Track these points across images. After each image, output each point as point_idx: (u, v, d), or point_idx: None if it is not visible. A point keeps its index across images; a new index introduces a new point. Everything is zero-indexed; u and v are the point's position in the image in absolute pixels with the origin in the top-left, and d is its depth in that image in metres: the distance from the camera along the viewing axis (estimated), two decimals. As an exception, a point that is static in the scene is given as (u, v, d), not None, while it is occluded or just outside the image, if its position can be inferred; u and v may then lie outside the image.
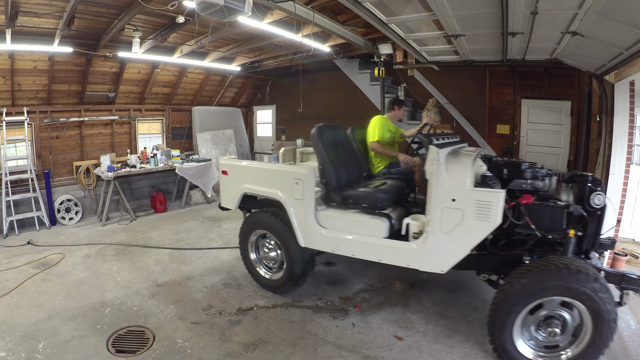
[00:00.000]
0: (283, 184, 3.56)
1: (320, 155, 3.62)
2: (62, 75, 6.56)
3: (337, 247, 3.39)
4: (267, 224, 3.77)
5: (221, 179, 4.22)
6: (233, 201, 4.07)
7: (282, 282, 3.78)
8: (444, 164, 2.84)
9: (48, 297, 3.85)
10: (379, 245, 3.17)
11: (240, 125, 10.19)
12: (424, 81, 7.75)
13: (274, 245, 3.88)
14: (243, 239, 4.07)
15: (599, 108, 5.20)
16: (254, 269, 4.05)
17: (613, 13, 2.96)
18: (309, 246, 3.52)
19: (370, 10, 3.94)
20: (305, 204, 3.44)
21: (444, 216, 2.82)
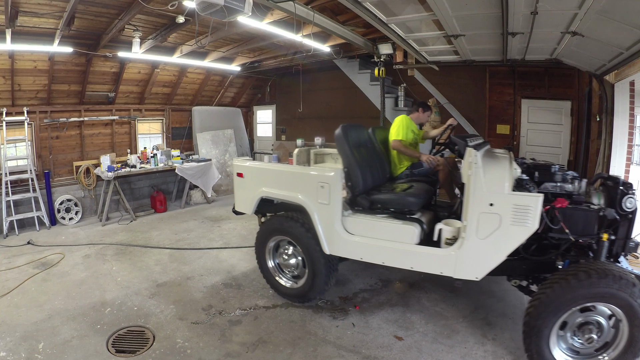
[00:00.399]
0: (306, 187, 3.37)
1: (346, 157, 3.45)
2: (62, 75, 6.57)
3: (365, 254, 3.23)
4: (287, 229, 3.55)
5: (235, 181, 4.02)
6: (249, 205, 3.88)
7: (304, 290, 3.57)
8: (482, 167, 2.71)
9: (48, 297, 3.85)
10: (411, 252, 3.02)
11: (240, 125, 10.19)
12: (424, 81, 7.75)
13: (294, 252, 3.68)
14: (260, 245, 3.86)
15: (599, 108, 5.20)
16: (272, 277, 3.83)
17: (613, 13, 2.96)
18: (334, 253, 3.34)
19: (370, 10, 3.94)
20: (331, 209, 3.26)
21: (480, 221, 2.70)
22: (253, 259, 4.86)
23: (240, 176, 3.94)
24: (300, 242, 3.50)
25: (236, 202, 4.08)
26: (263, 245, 3.83)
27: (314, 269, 3.44)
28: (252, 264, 4.71)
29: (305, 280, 3.57)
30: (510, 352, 2.90)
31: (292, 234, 3.54)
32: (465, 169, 2.83)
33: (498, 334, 3.15)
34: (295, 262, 3.69)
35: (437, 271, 2.94)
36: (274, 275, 3.83)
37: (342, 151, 3.51)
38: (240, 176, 3.94)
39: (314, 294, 3.54)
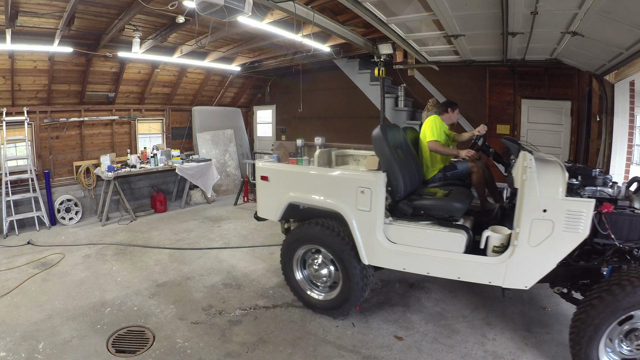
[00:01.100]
0: (344, 192, 3.15)
1: (386, 159, 3.20)
2: (62, 75, 6.57)
3: (408, 265, 3.04)
4: (320, 238, 3.29)
5: (259, 185, 3.78)
6: (274, 211, 3.62)
7: (337, 302, 3.33)
8: (537, 171, 2.60)
9: (48, 297, 3.85)
10: (458, 261, 2.86)
11: (240, 125, 10.19)
12: (424, 81, 7.75)
13: (326, 261, 3.43)
14: (286, 255, 3.59)
15: (599, 108, 5.20)
16: (302, 290, 3.57)
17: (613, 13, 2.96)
18: (374, 263, 3.14)
19: (370, 10, 3.94)
20: (372, 217, 3.03)
21: (533, 228, 2.60)
22: (253, 258, 4.88)
23: (264, 180, 3.67)
24: (334, 252, 3.25)
25: (259, 207, 3.84)
26: (291, 255, 3.56)
27: (349, 279, 3.21)
28: (252, 264, 4.72)
29: (339, 292, 3.32)
30: (510, 352, 2.91)
31: (325, 243, 3.28)
32: (519, 173, 2.71)
33: (498, 334, 3.15)
34: (327, 273, 3.44)
35: (486, 281, 2.81)
36: (303, 288, 3.57)
37: (381, 153, 3.26)
38: (265, 180, 3.67)
39: (348, 306, 3.30)
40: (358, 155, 5.02)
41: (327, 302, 3.42)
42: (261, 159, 3.88)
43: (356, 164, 4.93)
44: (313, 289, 3.56)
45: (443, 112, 4.28)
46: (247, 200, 8.18)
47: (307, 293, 3.55)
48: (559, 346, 2.96)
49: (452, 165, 3.94)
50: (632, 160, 4.85)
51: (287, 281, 3.67)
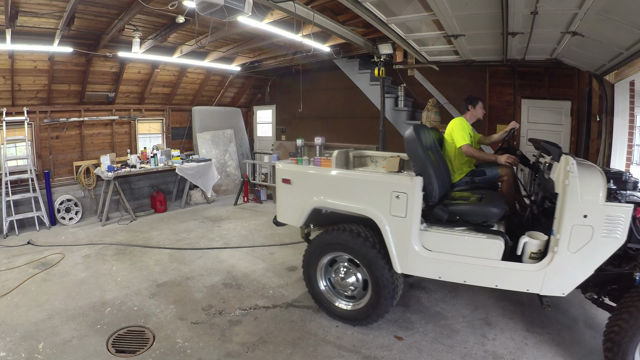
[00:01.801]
0: (377, 197, 2.99)
1: (420, 162, 3.06)
2: (62, 75, 6.57)
3: (444, 273, 2.91)
4: (348, 245, 3.12)
5: (280, 188, 3.59)
6: (297, 216, 3.43)
7: (366, 311, 3.17)
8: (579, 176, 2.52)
9: (48, 297, 3.85)
10: (496, 268, 2.76)
11: (240, 125, 10.19)
12: (424, 81, 7.75)
13: (353, 269, 3.27)
14: (309, 263, 3.40)
15: (599, 108, 5.20)
16: (327, 300, 3.39)
17: (613, 13, 2.96)
18: (407, 272, 2.99)
19: (370, 10, 3.94)
20: (407, 223, 2.89)
21: (573, 234, 2.54)
22: (253, 258, 4.88)
23: (286, 182, 3.47)
24: (363, 259, 3.08)
25: (279, 211, 3.65)
26: (314, 263, 3.38)
27: (379, 288, 3.05)
28: (252, 264, 4.72)
29: (368, 301, 3.16)
30: (510, 352, 2.90)
31: (354, 251, 3.11)
32: (560, 177, 2.64)
33: (498, 334, 3.15)
34: (354, 281, 3.27)
35: (524, 288, 2.72)
36: (328, 298, 3.40)
37: (414, 155, 3.11)
38: (287, 182, 3.47)
39: (378, 315, 3.16)
40: (376, 157, 4.91)
41: (354, 312, 3.26)
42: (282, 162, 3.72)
43: (374, 166, 4.84)
44: (339, 299, 3.38)
45: (465, 111, 4.07)
46: (247, 200, 8.19)
47: (334, 304, 3.36)
48: (559, 346, 2.97)
49: (480, 170, 3.77)
50: (632, 160, 4.85)
51: (310, 290, 3.48)
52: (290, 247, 5.32)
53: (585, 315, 3.40)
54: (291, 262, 4.76)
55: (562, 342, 3.02)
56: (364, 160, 4.79)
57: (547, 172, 2.99)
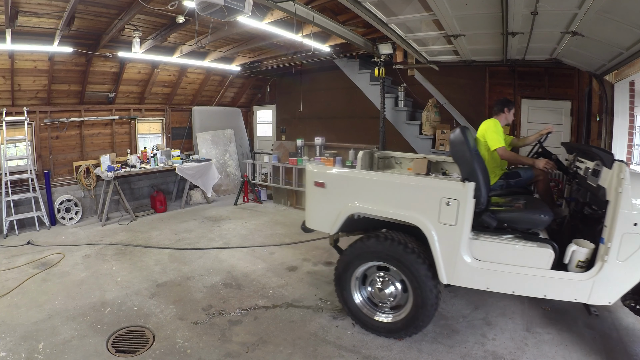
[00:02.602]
0: (425, 203, 2.81)
1: (468, 165, 2.91)
2: (62, 75, 6.57)
3: (492, 283, 2.78)
4: (391, 254, 2.94)
5: (310, 192, 3.36)
6: (330, 222, 3.20)
7: (406, 323, 3.01)
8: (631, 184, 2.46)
9: (48, 297, 3.85)
10: (545, 277, 2.67)
11: (240, 125, 10.19)
12: (424, 81, 7.75)
13: (390, 279, 3.11)
14: (343, 274, 3.19)
15: (599, 108, 5.20)
16: (364, 314, 3.20)
17: (613, 13, 2.96)
18: (453, 283, 2.83)
19: (370, 10, 3.94)
20: (457, 231, 2.73)
21: (623, 242, 2.50)
22: (253, 259, 4.88)
23: (319, 186, 3.24)
24: (406, 270, 2.91)
25: (309, 216, 3.43)
26: (349, 275, 3.18)
27: (422, 298, 2.89)
28: (252, 264, 4.72)
29: (409, 312, 3.00)
30: (510, 352, 2.91)
31: (395, 260, 2.94)
32: (613, 185, 2.59)
33: (498, 334, 3.15)
34: (392, 292, 3.10)
35: (571, 298, 2.65)
36: (365, 312, 3.21)
37: (462, 158, 2.98)
38: (321, 186, 3.23)
39: (419, 326, 3.00)
40: (400, 158, 4.81)
41: (393, 324, 3.10)
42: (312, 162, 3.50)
43: (399, 167, 4.73)
44: (377, 311, 3.21)
45: (499, 113, 3.92)
46: (247, 200, 8.19)
47: (374, 318, 3.17)
48: (559, 346, 2.97)
49: (515, 172, 3.66)
50: (632, 160, 4.85)
51: (343, 304, 3.30)
52: (290, 247, 5.32)
53: (586, 316, 3.40)
54: (291, 262, 4.76)
55: (562, 342, 3.03)
56: (388, 162, 4.64)
57: (591, 178, 2.90)
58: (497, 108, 3.95)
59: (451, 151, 3.07)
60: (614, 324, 3.29)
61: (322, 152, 7.23)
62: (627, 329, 3.22)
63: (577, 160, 3.49)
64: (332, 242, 3.54)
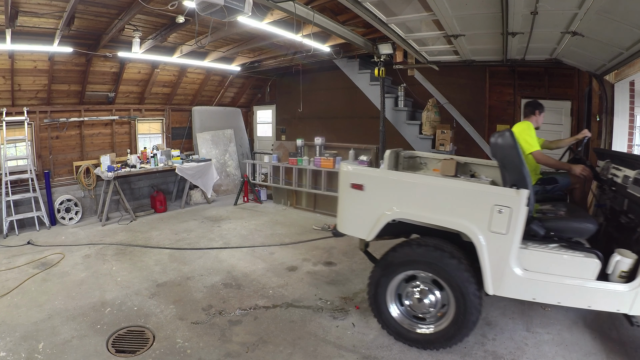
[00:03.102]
0: (475, 210, 2.66)
1: (518, 170, 2.77)
2: (62, 75, 6.56)
3: (538, 294, 2.68)
4: (430, 263, 2.80)
5: (346, 194, 3.14)
6: (367, 228, 3.00)
7: (447, 334, 2.86)
8: None
9: (48, 297, 3.85)
10: (590, 288, 2.58)
11: (240, 125, 10.19)
12: (424, 81, 7.75)
13: (428, 288, 2.95)
14: (379, 285, 3.02)
15: (599, 108, 5.21)
16: (403, 327, 3.02)
17: (613, 13, 2.96)
18: (499, 293, 2.71)
19: (370, 10, 3.94)
20: (508, 240, 2.59)
21: None
22: (253, 258, 4.88)
23: (357, 188, 3.04)
24: (449, 280, 2.77)
25: (342, 220, 3.22)
26: (385, 285, 3.00)
27: (465, 309, 2.75)
28: (252, 264, 4.72)
29: (450, 323, 2.85)
30: (510, 352, 2.91)
31: (437, 269, 2.79)
32: None
33: (498, 334, 3.15)
34: (432, 302, 2.94)
35: (614, 309, 2.58)
36: (406, 325, 3.03)
37: (512, 163, 2.83)
38: (358, 188, 3.03)
39: (460, 336, 2.86)
40: (425, 158, 4.70)
41: (433, 335, 2.95)
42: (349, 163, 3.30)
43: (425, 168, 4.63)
44: (416, 323, 3.03)
45: (530, 115, 3.77)
46: (247, 200, 8.19)
47: (416, 331, 2.99)
48: (559, 346, 2.97)
49: (551, 178, 3.52)
50: (632, 160, 4.85)
51: (379, 317, 3.10)
52: (290, 247, 5.32)
53: (585, 316, 3.40)
54: (291, 262, 4.76)
55: (562, 342, 3.03)
56: (413, 162, 4.52)
57: (632, 187, 2.83)
58: (528, 110, 3.81)
59: (498, 155, 2.92)
60: (614, 324, 3.29)
61: (322, 152, 7.23)
62: (627, 329, 3.22)
63: (612, 167, 3.38)
64: (362, 247, 3.39)
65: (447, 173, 4.29)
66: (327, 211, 7.22)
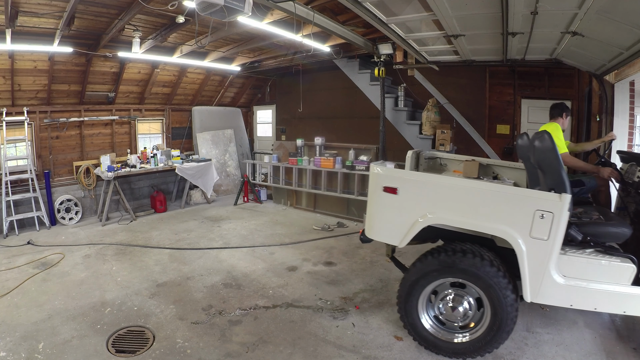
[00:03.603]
0: (516, 215, 2.57)
1: (557, 174, 2.67)
2: (62, 75, 6.56)
3: (575, 301, 2.62)
4: (470, 270, 2.67)
5: (377, 198, 2.97)
6: (401, 234, 2.86)
7: (481, 343, 2.76)
8: None
9: (48, 297, 3.85)
10: (626, 294, 2.54)
11: (240, 125, 10.19)
12: (424, 81, 7.75)
13: (460, 295, 2.86)
14: (409, 294, 2.89)
15: (599, 108, 5.21)
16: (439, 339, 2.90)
17: (613, 13, 2.96)
18: (537, 300, 2.64)
19: (370, 10, 3.94)
20: (548, 246, 2.52)
21: None
22: (253, 258, 4.88)
23: (390, 192, 2.88)
24: (486, 287, 2.67)
25: (371, 226, 3.05)
26: (415, 294, 2.88)
27: (501, 317, 2.66)
28: (252, 264, 4.72)
29: (485, 331, 2.75)
30: (510, 352, 2.91)
31: (474, 276, 2.68)
32: None
33: (498, 334, 3.15)
34: (465, 310, 2.85)
35: None
36: (438, 336, 2.91)
37: (550, 167, 2.74)
38: (392, 192, 2.88)
39: (495, 345, 2.77)
40: (445, 159, 4.63)
41: (467, 344, 2.85)
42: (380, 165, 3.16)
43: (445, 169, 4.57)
44: (451, 332, 2.93)
45: (557, 117, 3.73)
46: (247, 200, 8.19)
47: (453, 341, 2.87)
48: (559, 346, 2.97)
49: (578, 181, 3.44)
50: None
51: (411, 329, 2.96)
52: (290, 247, 5.32)
53: (585, 315, 3.40)
54: (291, 262, 4.76)
55: (562, 342, 3.03)
56: (433, 163, 4.45)
57: None
58: (555, 112, 3.78)
59: (536, 158, 2.84)
60: (614, 324, 3.29)
61: (322, 152, 7.23)
62: (627, 329, 3.22)
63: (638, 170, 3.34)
64: (389, 254, 3.27)
65: (470, 174, 4.22)
66: (327, 211, 7.22)
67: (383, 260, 4.80)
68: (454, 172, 4.61)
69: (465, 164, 4.43)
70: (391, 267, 4.61)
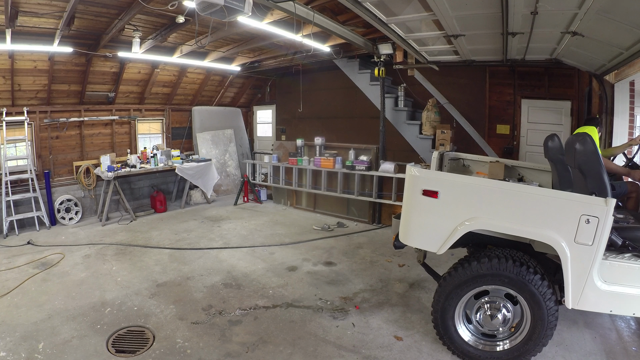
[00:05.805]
0: (561, 220, 2.49)
1: (599, 179, 2.61)
2: (62, 75, 6.56)
3: (615, 306, 2.57)
4: (516, 278, 2.59)
5: (414, 202, 2.83)
6: (440, 240, 2.74)
7: (519, 350, 2.71)
8: None
9: (48, 297, 3.85)
10: None
11: (240, 125, 10.19)
12: (424, 81, 7.75)
13: (498, 303, 2.77)
14: (446, 304, 2.79)
15: (599, 108, 5.21)
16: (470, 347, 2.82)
17: (613, 13, 2.96)
18: (578, 307, 2.58)
19: (370, 10, 3.94)
20: (592, 252, 2.45)
21: None
22: (253, 258, 4.89)
23: (430, 195, 2.75)
24: (529, 295, 2.60)
25: (407, 231, 2.91)
26: (452, 304, 2.78)
27: (541, 324, 2.62)
28: (252, 264, 4.72)
29: (524, 338, 2.70)
30: (510, 352, 2.90)
31: (517, 283, 2.60)
32: None
33: (498, 334, 3.15)
34: (503, 318, 2.76)
35: None
36: (479, 348, 2.83)
37: (592, 170, 2.66)
38: (432, 196, 2.74)
39: (533, 351, 2.72)
40: (468, 160, 4.58)
41: (504, 352, 2.79)
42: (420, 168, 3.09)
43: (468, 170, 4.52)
44: (491, 341, 2.83)
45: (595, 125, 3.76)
46: (247, 200, 8.19)
47: (496, 349, 2.79)
48: (559, 346, 2.97)
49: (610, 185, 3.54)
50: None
51: (449, 342, 2.87)
52: (290, 247, 5.32)
53: (585, 315, 3.40)
54: (291, 262, 4.76)
55: (562, 342, 3.03)
56: (456, 164, 4.40)
57: None
58: (590, 122, 3.81)
59: (578, 161, 2.77)
60: (614, 324, 3.29)
61: (322, 152, 7.23)
62: (627, 329, 3.22)
63: None
64: (421, 260, 3.18)
65: (495, 176, 4.16)
66: (327, 211, 7.22)
67: (383, 260, 4.81)
68: (477, 173, 4.53)
69: (490, 165, 4.33)
70: (391, 267, 4.61)
